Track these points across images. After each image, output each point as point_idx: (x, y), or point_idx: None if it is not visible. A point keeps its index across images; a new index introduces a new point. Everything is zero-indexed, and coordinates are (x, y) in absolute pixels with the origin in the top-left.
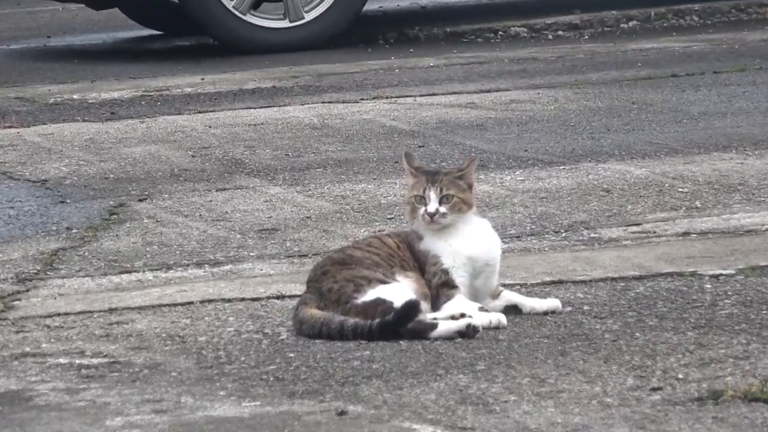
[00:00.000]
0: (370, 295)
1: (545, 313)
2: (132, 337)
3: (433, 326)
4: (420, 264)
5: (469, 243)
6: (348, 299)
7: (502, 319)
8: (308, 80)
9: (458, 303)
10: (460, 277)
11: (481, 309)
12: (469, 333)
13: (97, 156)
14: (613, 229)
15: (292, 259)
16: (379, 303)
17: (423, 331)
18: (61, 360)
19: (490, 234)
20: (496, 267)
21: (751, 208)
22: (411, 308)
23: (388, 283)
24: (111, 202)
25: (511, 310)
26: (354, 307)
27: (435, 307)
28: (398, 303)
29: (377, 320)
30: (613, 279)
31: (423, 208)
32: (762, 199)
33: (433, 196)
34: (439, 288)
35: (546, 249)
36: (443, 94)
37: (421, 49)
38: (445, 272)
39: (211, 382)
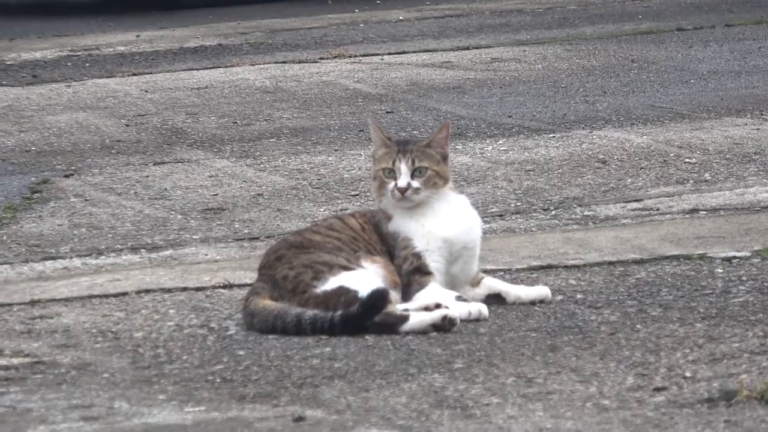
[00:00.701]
0: (332, 283)
1: (532, 303)
2: (57, 334)
3: (404, 319)
4: (389, 248)
5: (445, 223)
6: (306, 288)
7: (483, 309)
8: (259, 37)
9: (433, 292)
10: (434, 263)
11: (459, 298)
12: (445, 326)
13: (16, 125)
14: (611, 206)
15: (241, 242)
16: (342, 292)
17: (392, 325)
18: None
19: (468, 212)
20: (475, 250)
21: None
22: (378, 298)
23: (352, 269)
24: (33, 179)
25: (494, 299)
26: (313, 297)
27: (406, 296)
28: (364, 292)
29: (340, 312)
30: (610, 263)
31: (392, 183)
32: None
33: (404, 168)
34: (411, 275)
35: (533, 229)
36: (415, 51)
37: None
38: (418, 256)
39: (148, 385)
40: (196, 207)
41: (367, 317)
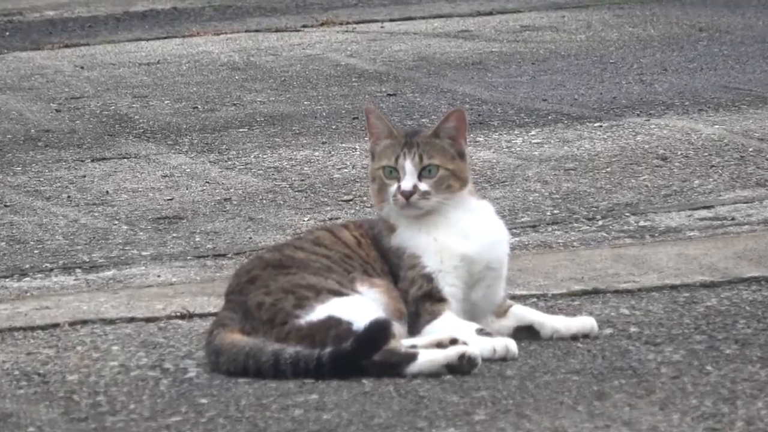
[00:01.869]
0: (319, 312)
1: (574, 338)
2: None
3: (411, 357)
4: (391, 268)
5: (463, 236)
6: (286, 318)
7: (511, 346)
8: None
9: (447, 323)
10: (449, 286)
11: (481, 332)
12: (462, 367)
13: None
14: (673, 215)
15: (203, 260)
16: (332, 324)
17: (396, 365)
18: None
19: (493, 223)
20: (501, 271)
21: None
22: (379, 331)
23: (345, 295)
24: None
25: (525, 333)
26: (295, 330)
27: (414, 329)
28: (360, 324)
29: (329, 349)
30: (672, 287)
31: (395, 185)
32: None
33: (409, 167)
34: (420, 302)
35: (575, 244)
36: (423, 17)
37: None
38: (429, 279)
39: None
40: (145, 215)
41: (364, 355)
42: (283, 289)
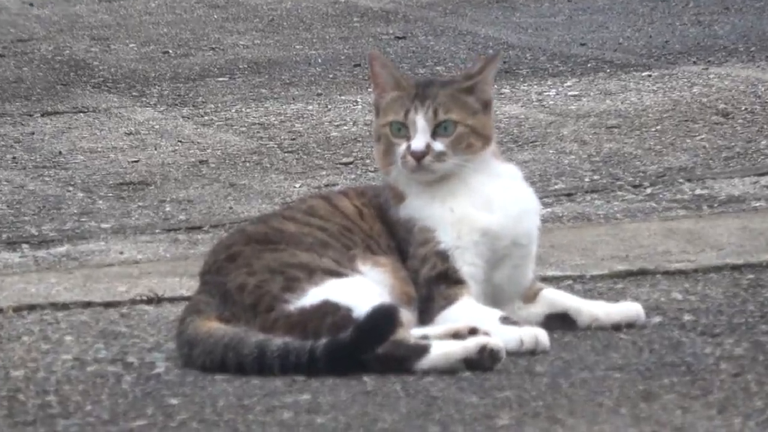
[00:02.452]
0: (313, 295)
1: (616, 327)
2: None
3: (423, 350)
4: (399, 243)
5: (485, 206)
6: (273, 303)
7: (542, 337)
8: None
9: (465, 310)
10: (468, 266)
11: (506, 320)
12: (483, 361)
13: None
14: (735, 182)
15: (175, 234)
16: (328, 310)
17: (404, 359)
18: None
19: (521, 190)
20: (531, 248)
21: None
22: (384, 318)
23: (344, 275)
24: None
25: (558, 321)
26: (284, 317)
27: (426, 315)
28: (361, 309)
29: (324, 340)
30: (734, 268)
31: (404, 144)
32: None
33: (420, 122)
34: (433, 284)
35: (618, 216)
36: None
37: None
38: (444, 257)
39: None
40: (105, 180)
41: (366, 347)
42: (269, 269)
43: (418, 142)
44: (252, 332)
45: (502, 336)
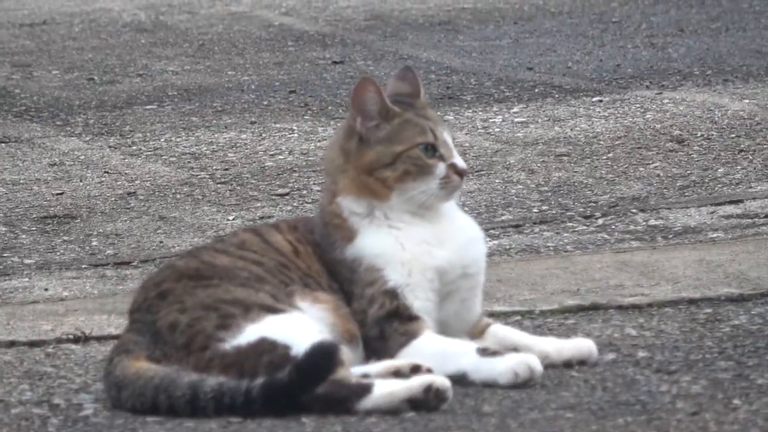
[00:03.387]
0: (249, 333)
1: (567, 365)
2: None
3: (364, 390)
4: (342, 283)
5: (437, 241)
6: (207, 342)
7: (534, 363)
8: None
9: (433, 343)
10: (421, 301)
11: (485, 352)
12: (429, 402)
13: None
14: (692, 212)
15: (102, 270)
16: (266, 348)
17: (345, 400)
18: None
19: (463, 218)
20: (479, 278)
21: None
22: (323, 357)
23: (281, 311)
24: None
25: None
26: (219, 357)
27: (384, 354)
28: (300, 348)
29: (260, 380)
30: (691, 302)
31: (441, 165)
32: None
33: (450, 141)
34: (384, 323)
35: (568, 247)
36: None
37: None
38: (393, 295)
39: None
40: (29, 214)
41: (305, 386)
42: (202, 305)
43: (461, 160)
44: (184, 372)
45: (486, 371)
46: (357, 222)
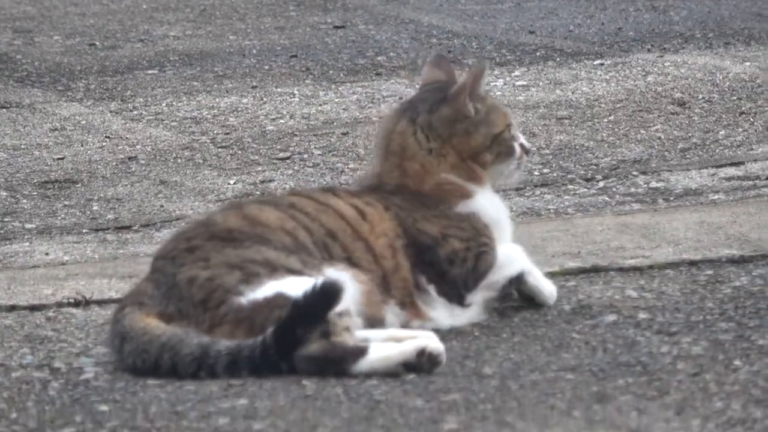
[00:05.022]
0: (268, 288)
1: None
2: None
3: (360, 352)
4: (416, 241)
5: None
6: (224, 297)
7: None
8: None
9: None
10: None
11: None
12: (422, 365)
13: None
14: (693, 174)
15: (103, 234)
16: (279, 303)
17: (340, 360)
18: None
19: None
20: None
21: None
22: (327, 290)
23: (307, 276)
24: None
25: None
26: (234, 311)
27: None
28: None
29: (269, 332)
30: (691, 264)
31: (516, 146)
32: None
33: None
34: (479, 262)
35: (569, 210)
36: None
37: None
38: (491, 246)
39: None
40: (30, 179)
41: (306, 318)
42: (228, 264)
43: (525, 140)
44: (194, 333)
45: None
46: (474, 187)
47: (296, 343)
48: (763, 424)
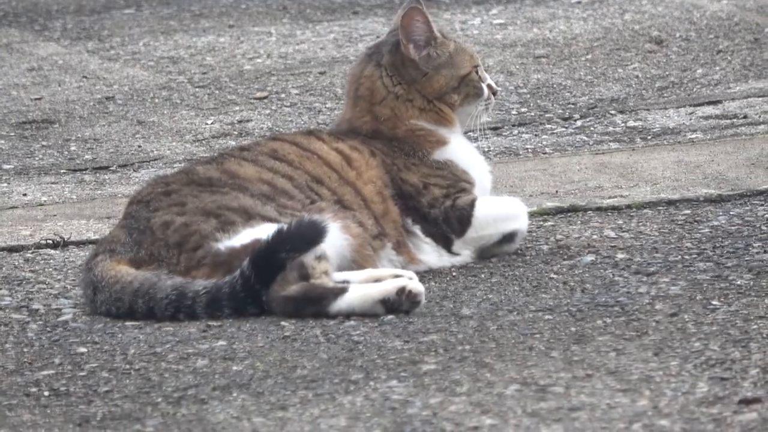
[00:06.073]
0: (245, 236)
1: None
2: None
3: (339, 292)
4: (401, 189)
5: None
6: (201, 242)
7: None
8: None
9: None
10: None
11: None
12: (401, 303)
13: None
14: (670, 113)
15: (80, 174)
16: (256, 247)
17: (319, 299)
18: None
19: None
20: None
21: None
22: (312, 230)
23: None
24: None
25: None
26: (211, 255)
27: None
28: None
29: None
30: (669, 203)
31: (484, 86)
32: None
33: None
34: (464, 209)
35: (547, 150)
36: None
37: None
38: (471, 190)
39: None
40: (7, 119)
41: (284, 247)
42: (204, 211)
43: (492, 81)
44: (166, 276)
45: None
46: (445, 132)
47: (277, 270)
48: (741, 365)
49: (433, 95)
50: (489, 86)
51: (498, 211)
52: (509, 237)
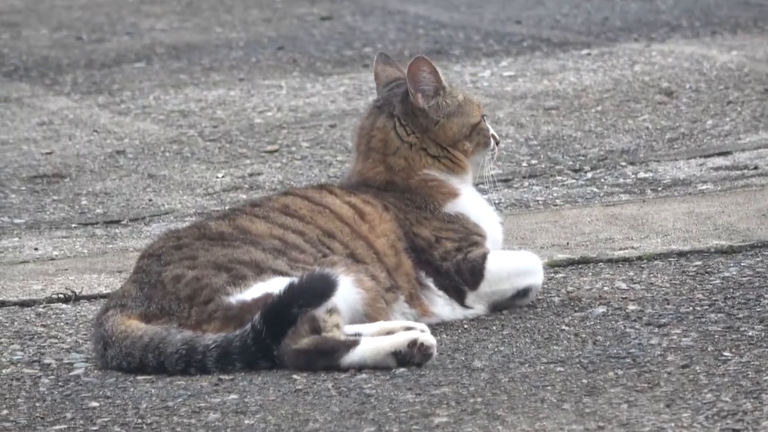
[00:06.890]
0: (256, 290)
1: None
2: None
3: (351, 345)
4: (414, 243)
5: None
6: (212, 295)
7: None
8: None
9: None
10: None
11: None
12: (414, 356)
13: None
14: (681, 164)
15: (91, 228)
16: (267, 302)
17: (331, 353)
18: None
19: None
20: None
21: None
22: (323, 283)
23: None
24: None
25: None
26: (223, 309)
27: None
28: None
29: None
30: (680, 255)
31: (490, 136)
32: None
33: None
34: (476, 262)
35: (558, 201)
36: None
37: None
38: (483, 243)
39: None
40: (18, 173)
41: (297, 302)
42: (215, 264)
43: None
44: (175, 330)
45: None
46: (457, 183)
47: (288, 324)
48: (753, 416)
49: (447, 142)
50: (493, 136)
51: (512, 266)
52: (523, 292)
